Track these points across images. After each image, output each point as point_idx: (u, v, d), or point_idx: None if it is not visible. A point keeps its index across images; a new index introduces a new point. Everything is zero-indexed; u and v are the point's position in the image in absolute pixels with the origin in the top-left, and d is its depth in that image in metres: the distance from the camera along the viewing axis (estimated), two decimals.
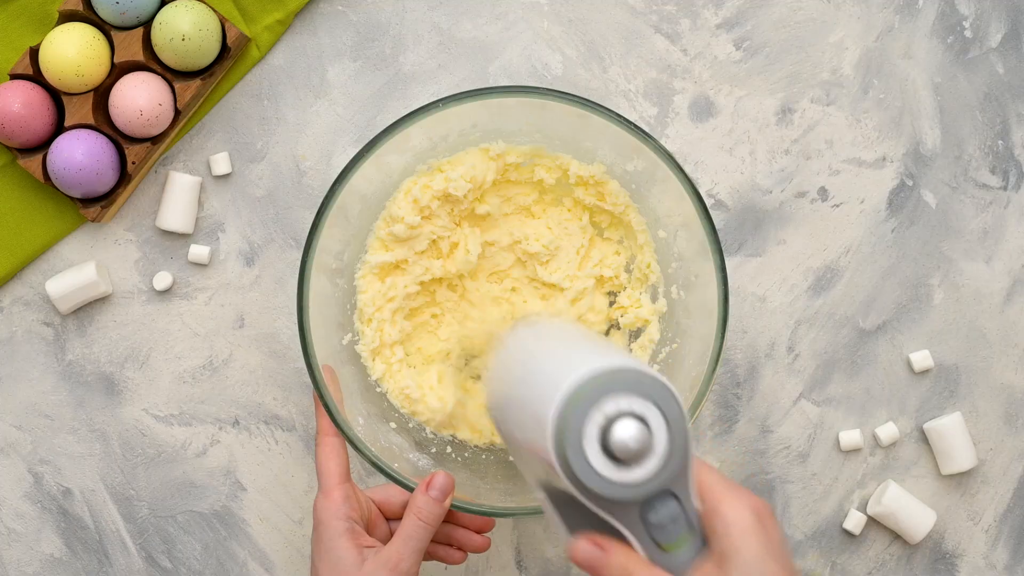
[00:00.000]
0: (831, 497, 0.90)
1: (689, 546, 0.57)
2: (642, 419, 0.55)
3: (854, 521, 0.89)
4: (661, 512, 0.57)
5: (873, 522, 0.90)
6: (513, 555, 0.90)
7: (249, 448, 0.90)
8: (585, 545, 0.58)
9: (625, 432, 0.54)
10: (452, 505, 0.75)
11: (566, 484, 0.56)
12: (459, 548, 0.80)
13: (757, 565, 0.55)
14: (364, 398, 0.83)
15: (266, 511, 0.90)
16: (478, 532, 0.80)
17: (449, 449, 0.84)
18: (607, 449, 0.55)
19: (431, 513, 0.73)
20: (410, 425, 0.84)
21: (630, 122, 0.76)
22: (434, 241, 0.84)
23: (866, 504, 0.90)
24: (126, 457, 0.90)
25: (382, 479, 0.83)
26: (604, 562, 0.58)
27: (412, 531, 0.73)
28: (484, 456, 0.85)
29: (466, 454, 0.85)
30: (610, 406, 0.55)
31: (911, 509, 0.88)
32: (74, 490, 0.90)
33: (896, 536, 0.90)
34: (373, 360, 0.84)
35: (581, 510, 0.57)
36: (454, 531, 0.80)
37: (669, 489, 0.56)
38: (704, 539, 0.57)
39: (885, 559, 0.90)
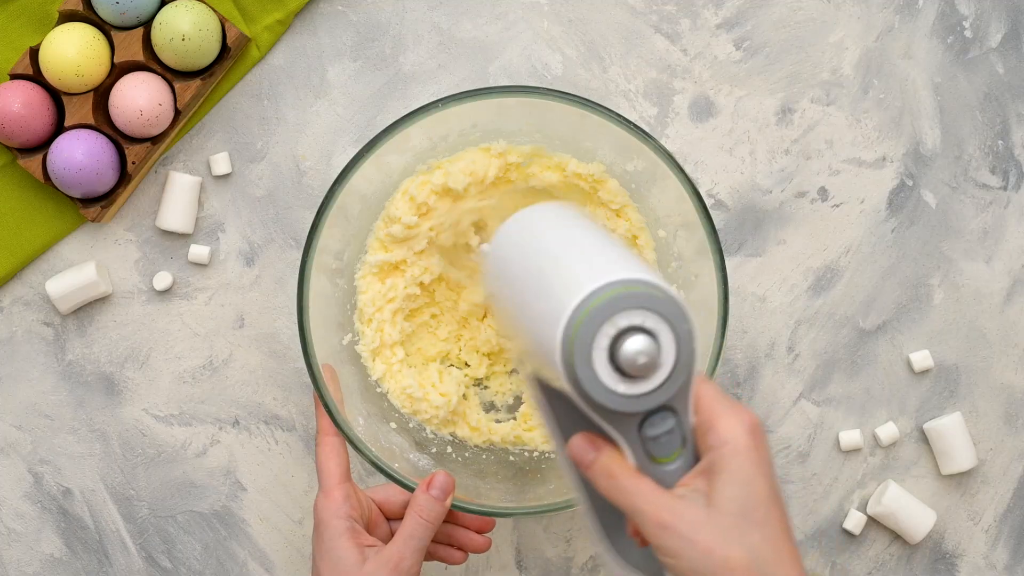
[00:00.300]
0: (831, 497, 0.90)
1: (681, 460, 0.58)
2: (652, 335, 0.54)
3: (854, 521, 0.89)
4: (658, 426, 0.57)
5: (873, 522, 0.90)
6: (513, 555, 0.90)
7: (249, 448, 0.90)
8: (580, 441, 0.59)
9: (635, 347, 0.54)
10: (452, 505, 0.75)
11: (570, 391, 0.56)
12: (460, 548, 0.80)
13: (747, 483, 0.55)
14: (364, 398, 0.83)
15: (266, 511, 0.90)
16: (478, 532, 0.80)
17: (449, 449, 0.84)
18: (614, 362, 0.54)
19: (432, 512, 0.74)
20: (410, 425, 0.84)
21: (630, 122, 0.76)
22: (432, 240, 0.84)
23: (866, 504, 0.90)
24: (126, 457, 0.90)
25: (382, 479, 0.83)
26: (592, 461, 0.59)
27: (413, 530, 0.73)
28: (484, 456, 0.85)
29: (466, 454, 0.85)
30: (622, 320, 0.54)
31: (911, 509, 0.88)
32: (74, 490, 0.90)
33: (896, 536, 0.90)
34: (373, 360, 0.84)
35: (577, 411, 0.57)
36: (454, 531, 0.80)
37: (669, 404, 0.57)
38: (696, 454, 0.58)
39: (885, 559, 0.90)
